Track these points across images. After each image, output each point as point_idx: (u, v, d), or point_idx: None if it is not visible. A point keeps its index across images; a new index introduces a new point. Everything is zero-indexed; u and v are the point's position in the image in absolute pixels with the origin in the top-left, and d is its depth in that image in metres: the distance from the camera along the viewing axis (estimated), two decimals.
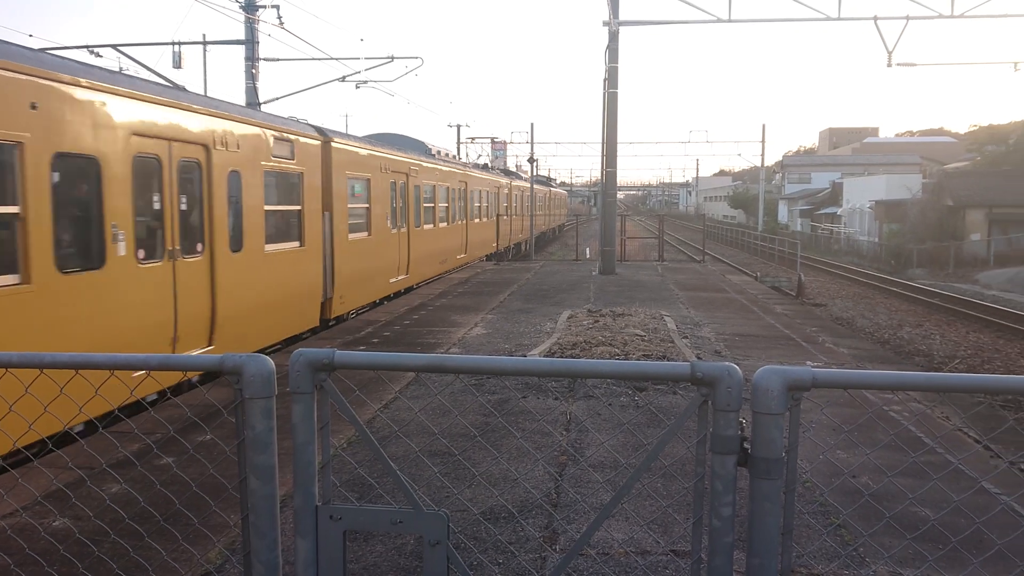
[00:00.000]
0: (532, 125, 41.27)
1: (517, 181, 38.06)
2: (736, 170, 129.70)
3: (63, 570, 4.04)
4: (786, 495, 2.50)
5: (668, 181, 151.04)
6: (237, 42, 20.40)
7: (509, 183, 34.88)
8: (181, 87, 9.97)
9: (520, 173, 43.38)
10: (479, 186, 27.04)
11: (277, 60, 24.18)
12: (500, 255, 30.61)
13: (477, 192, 26.64)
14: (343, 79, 22.86)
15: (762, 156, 58.86)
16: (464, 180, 24.43)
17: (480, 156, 50.61)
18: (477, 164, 33.50)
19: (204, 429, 6.28)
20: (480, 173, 28.25)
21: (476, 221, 26.25)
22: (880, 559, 4.26)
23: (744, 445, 2.46)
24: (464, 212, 24.36)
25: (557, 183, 76.33)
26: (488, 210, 28.67)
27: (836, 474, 5.48)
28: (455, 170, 23.32)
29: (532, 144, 41.47)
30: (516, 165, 55.96)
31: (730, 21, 19.54)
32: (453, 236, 22.78)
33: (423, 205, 19.24)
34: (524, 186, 38.97)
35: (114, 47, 17.99)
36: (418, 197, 18.66)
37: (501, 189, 32.21)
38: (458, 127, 50.23)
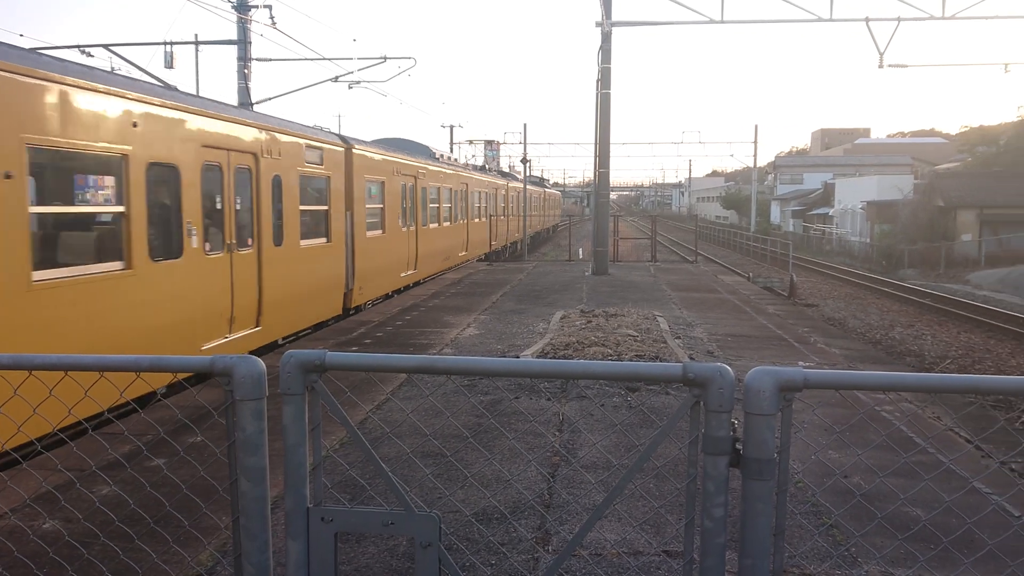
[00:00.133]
0: (525, 126, 41.19)
1: (514, 182, 38.63)
2: (729, 171, 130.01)
3: (53, 573, 4.02)
4: (778, 496, 2.50)
5: (661, 182, 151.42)
6: (229, 42, 20.35)
7: (506, 184, 35.73)
8: (238, 105, 11.49)
9: (515, 174, 43.39)
10: (478, 187, 28.04)
11: (270, 60, 24.16)
12: (498, 253, 31.51)
13: (477, 193, 27.67)
14: (336, 79, 22.83)
15: (754, 157, 59.09)
16: (465, 182, 25.45)
17: (473, 156, 50.61)
18: (477, 166, 34.19)
19: (195, 431, 6.25)
20: (479, 175, 29.20)
21: (476, 221, 27.21)
22: (872, 559, 4.26)
23: (736, 446, 2.46)
24: (465, 212, 25.43)
25: (550, 183, 76.39)
26: (487, 210, 29.70)
27: (828, 474, 5.49)
28: (457, 172, 24.44)
29: (525, 144, 41.46)
30: (509, 166, 55.91)
31: (722, 22, 19.59)
32: (456, 235, 23.97)
33: (429, 206, 20.39)
34: (520, 187, 39.39)
35: (106, 47, 17.91)
36: (425, 198, 19.84)
37: (499, 190, 33.04)
38: (451, 127, 50.30)
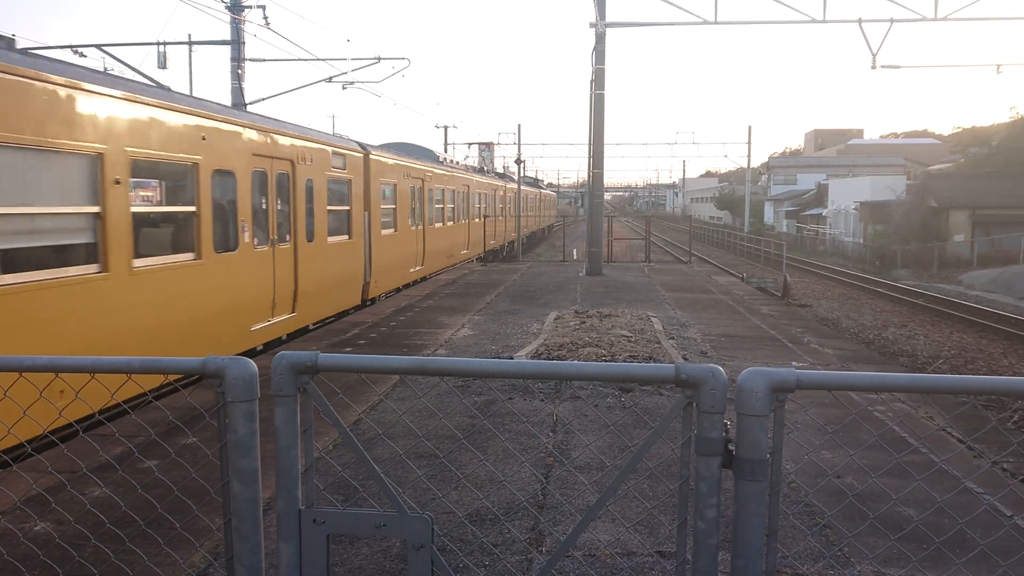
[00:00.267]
0: (519, 126, 41.46)
1: (511, 183, 39.16)
2: (722, 171, 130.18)
3: (43, 575, 3.99)
4: (770, 496, 2.50)
5: (655, 182, 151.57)
6: (223, 42, 20.29)
7: (504, 185, 36.71)
8: (277, 119, 12.40)
9: (511, 175, 43.45)
10: (479, 189, 29.33)
11: (263, 60, 24.12)
12: (496, 252, 32.72)
13: (477, 195, 28.94)
14: (330, 80, 22.80)
15: (748, 157, 59.15)
16: (466, 184, 26.68)
17: (467, 157, 50.57)
18: (476, 168, 34.80)
19: (186, 432, 6.23)
20: (479, 177, 30.39)
21: (476, 221, 28.39)
22: (864, 559, 4.27)
23: (729, 447, 2.46)
24: (466, 213, 26.69)
25: (545, 184, 76.46)
26: (486, 210, 30.86)
27: (821, 475, 5.50)
28: (459, 175, 25.70)
29: (519, 145, 41.53)
30: (504, 167, 55.92)
31: (716, 23, 19.61)
32: (458, 234, 25.34)
33: (435, 206, 21.69)
34: (522, 188, 39.92)
35: (98, 47, 17.85)
36: (431, 199, 21.16)
37: (497, 191, 34.11)
38: (445, 128, 50.21)
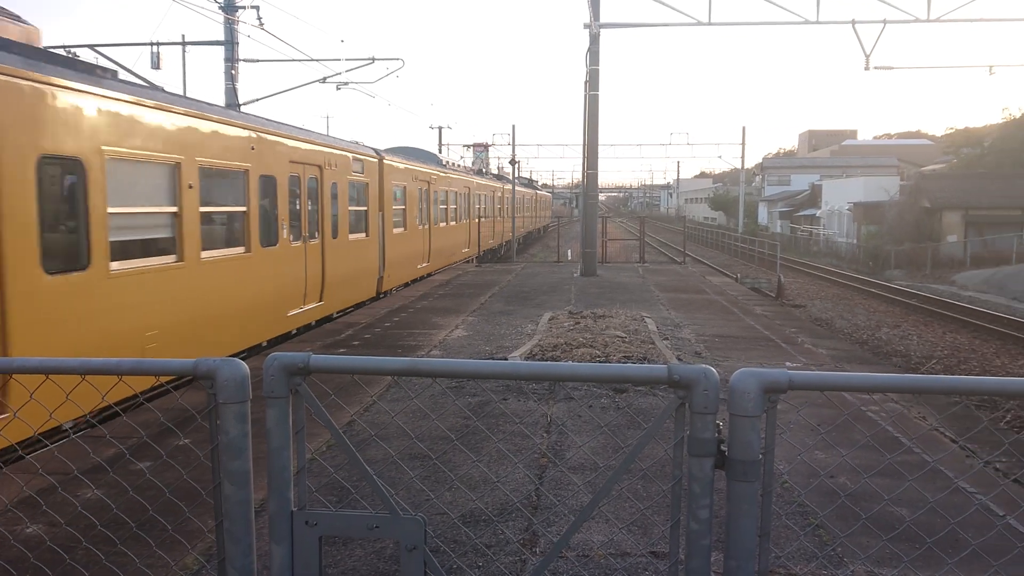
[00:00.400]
0: (514, 127, 41.15)
1: (508, 185, 39.19)
2: (717, 172, 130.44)
3: None
4: (763, 497, 2.50)
5: (649, 183, 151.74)
6: (216, 43, 20.26)
7: (502, 187, 37.58)
8: (303, 128, 13.83)
9: (506, 176, 43.48)
10: (479, 191, 30.68)
11: (257, 61, 24.08)
12: (495, 250, 34.13)
13: (478, 196, 30.30)
14: (324, 80, 22.78)
15: (742, 158, 59.28)
16: (468, 186, 28.03)
17: (462, 158, 50.54)
18: (476, 171, 35.43)
19: (178, 434, 6.21)
20: (479, 179, 31.64)
21: (476, 221, 29.58)
22: (857, 559, 4.28)
23: (721, 447, 2.46)
24: (468, 213, 28.03)
25: (540, 185, 76.51)
26: (486, 211, 32.14)
27: (814, 475, 5.51)
28: (461, 178, 27.09)
29: (514, 146, 41.42)
30: (498, 167, 55.89)
31: (710, 24, 19.65)
32: (461, 232, 26.75)
33: (439, 207, 23.00)
34: (518, 189, 40.39)
35: (91, 47, 17.80)
36: (436, 201, 22.49)
37: (495, 192, 35.25)
38: (439, 129, 50.19)
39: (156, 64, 19.52)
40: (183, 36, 21.26)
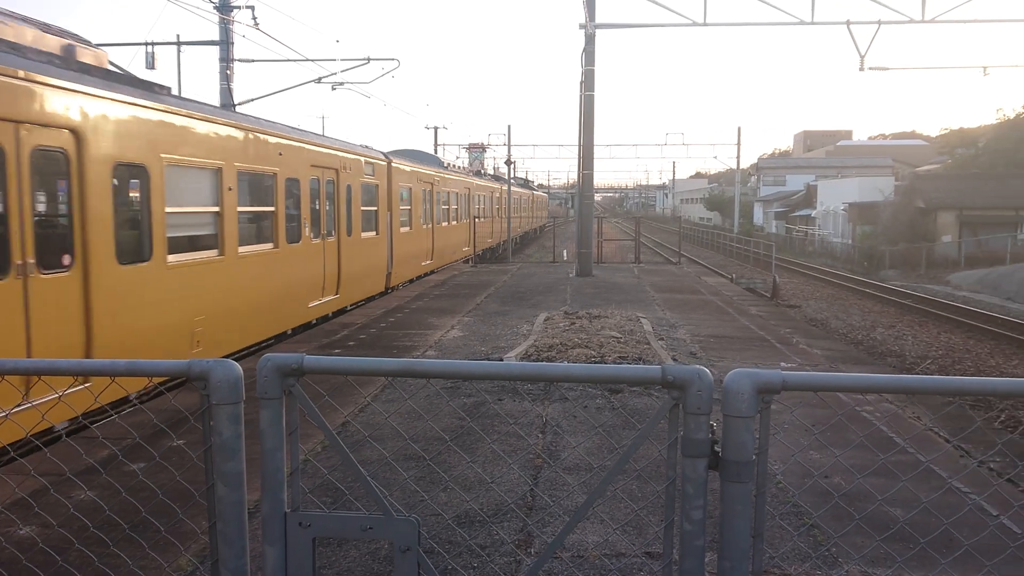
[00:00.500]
0: (509, 128, 41.04)
1: (505, 185, 39.20)
2: (712, 172, 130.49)
3: None
4: (757, 497, 2.50)
5: (645, 183, 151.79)
6: (211, 43, 20.21)
7: (501, 188, 38.48)
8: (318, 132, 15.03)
9: (502, 176, 43.48)
10: (479, 192, 31.65)
11: (252, 61, 24.04)
12: (494, 249, 35.09)
13: (478, 196, 31.24)
14: (319, 81, 22.76)
15: (737, 159, 59.34)
16: (467, 187, 28.97)
17: (458, 158, 50.52)
18: (475, 172, 36.09)
19: (171, 436, 6.19)
20: (479, 180, 32.58)
21: (476, 220, 30.25)
22: (851, 560, 4.28)
23: (715, 448, 2.46)
24: (468, 213, 28.90)
25: (535, 185, 76.53)
26: (485, 211, 33.08)
27: (808, 475, 5.51)
28: (462, 179, 28.09)
29: (509, 146, 41.39)
30: (494, 167, 55.86)
31: (705, 25, 19.67)
32: (462, 232, 27.75)
33: (441, 207, 23.95)
34: (515, 190, 40.63)
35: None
36: (439, 201, 23.43)
37: (494, 193, 36.25)
38: (435, 129, 50.18)
39: (151, 64, 19.46)
40: (178, 36, 21.24)
